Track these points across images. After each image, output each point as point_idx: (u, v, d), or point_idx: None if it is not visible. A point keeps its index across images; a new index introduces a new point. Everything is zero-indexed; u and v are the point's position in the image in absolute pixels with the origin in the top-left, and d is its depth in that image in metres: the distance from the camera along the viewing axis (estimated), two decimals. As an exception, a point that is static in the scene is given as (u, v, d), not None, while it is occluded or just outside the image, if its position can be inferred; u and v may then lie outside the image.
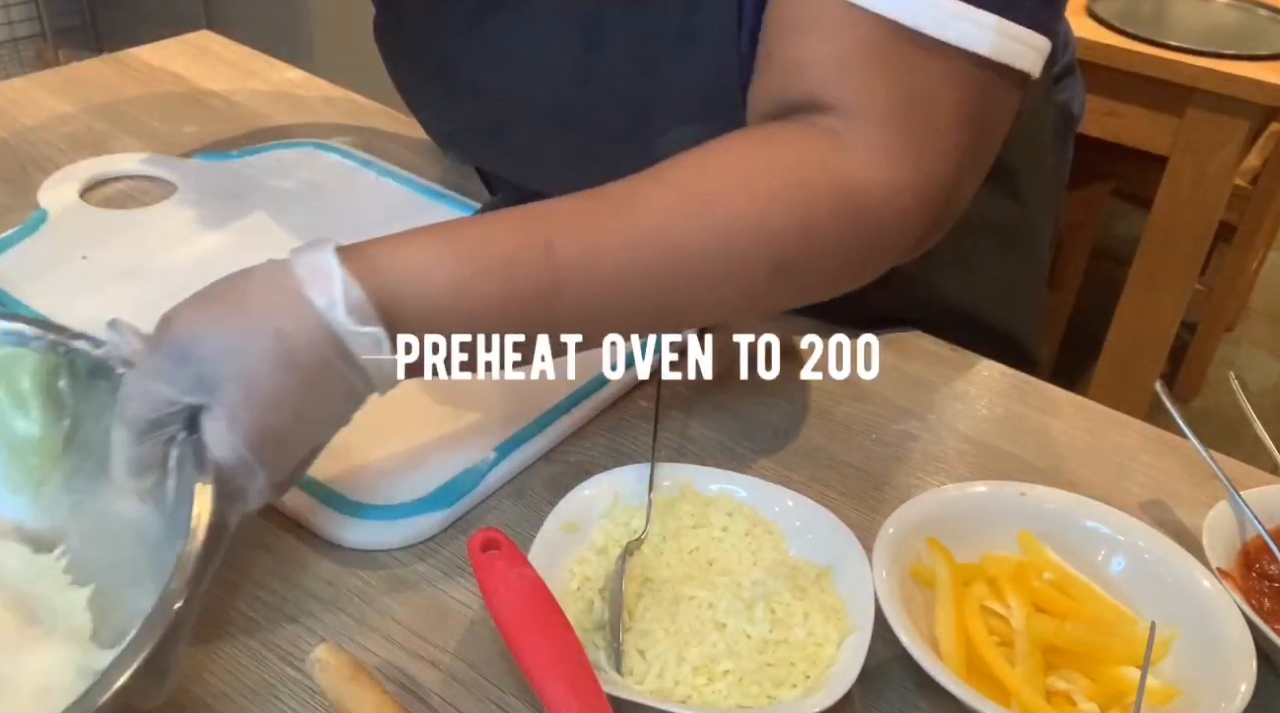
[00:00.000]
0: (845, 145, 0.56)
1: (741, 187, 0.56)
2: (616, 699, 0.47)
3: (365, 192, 0.90)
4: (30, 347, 0.53)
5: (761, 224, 0.55)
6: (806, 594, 0.55)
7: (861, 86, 0.56)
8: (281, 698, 0.51)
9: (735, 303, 0.60)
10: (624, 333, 0.58)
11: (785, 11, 0.58)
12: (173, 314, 0.49)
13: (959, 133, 0.57)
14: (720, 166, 0.57)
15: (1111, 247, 2.39)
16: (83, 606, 0.50)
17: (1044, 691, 0.52)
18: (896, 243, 0.59)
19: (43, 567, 0.52)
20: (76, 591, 0.51)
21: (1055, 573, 0.58)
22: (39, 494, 0.53)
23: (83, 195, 0.88)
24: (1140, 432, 0.72)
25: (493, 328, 0.53)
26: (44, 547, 0.52)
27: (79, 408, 0.53)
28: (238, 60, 1.15)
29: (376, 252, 0.51)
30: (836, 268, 0.59)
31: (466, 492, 0.61)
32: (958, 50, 0.55)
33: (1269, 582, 0.59)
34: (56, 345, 0.53)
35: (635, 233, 0.55)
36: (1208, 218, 1.74)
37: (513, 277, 0.52)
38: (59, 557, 0.52)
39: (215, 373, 0.47)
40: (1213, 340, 2.35)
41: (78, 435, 0.53)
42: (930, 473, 0.67)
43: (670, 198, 0.56)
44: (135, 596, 0.46)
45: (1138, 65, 1.67)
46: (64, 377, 0.53)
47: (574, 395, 0.68)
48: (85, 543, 0.52)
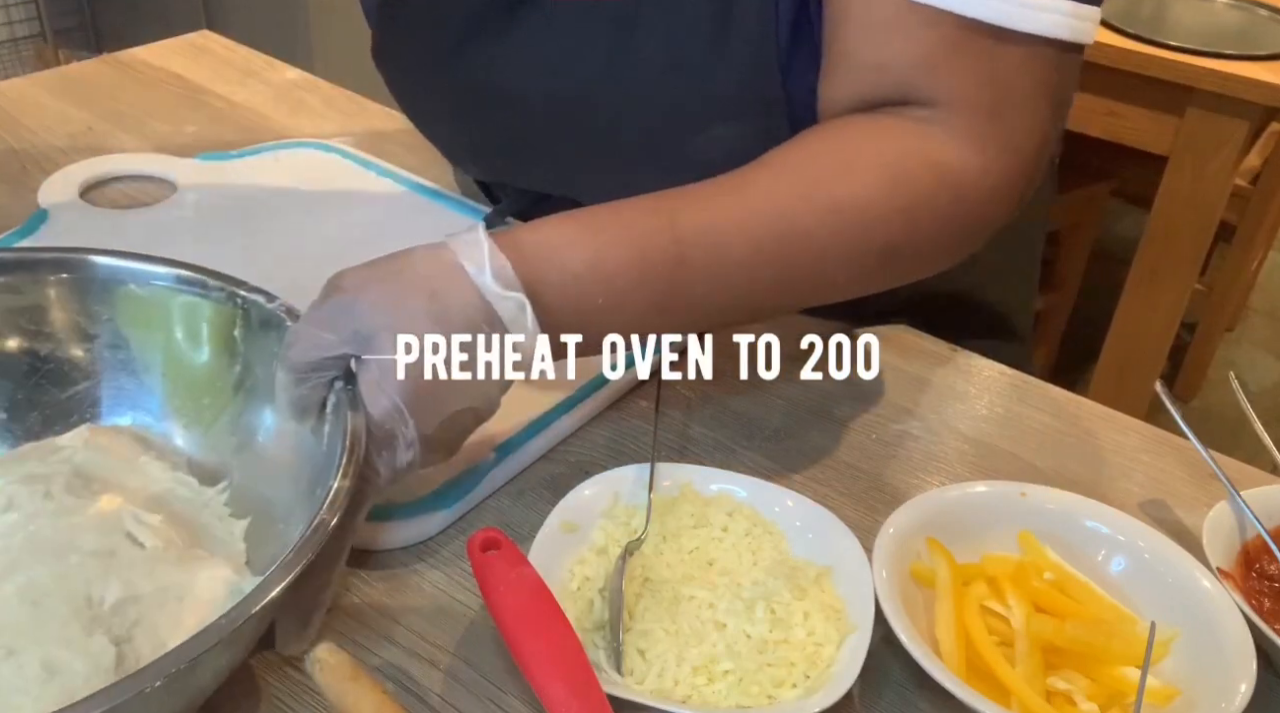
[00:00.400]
0: (937, 134, 0.60)
1: (848, 172, 0.60)
2: (616, 699, 0.47)
3: (365, 191, 0.90)
4: (210, 297, 0.58)
5: (869, 208, 0.59)
6: (806, 594, 0.55)
7: (947, 81, 0.60)
8: (281, 698, 0.51)
9: (847, 283, 0.63)
10: (743, 311, 0.62)
11: (860, 13, 0.61)
12: (340, 275, 0.54)
13: (1040, 111, 0.61)
14: (826, 154, 0.61)
15: (1111, 247, 2.39)
16: (240, 535, 0.55)
17: (1044, 691, 0.52)
18: (990, 221, 0.63)
19: (207, 498, 0.56)
20: (235, 522, 0.55)
21: (1055, 573, 0.58)
22: (209, 431, 0.59)
23: (83, 195, 0.88)
24: (1140, 432, 0.72)
25: (627, 296, 0.57)
26: (209, 480, 0.57)
27: (249, 355, 0.58)
28: (238, 60, 1.15)
29: (519, 232, 0.56)
30: (936, 248, 0.63)
31: (466, 492, 0.61)
32: (1035, 37, 0.58)
33: (1269, 582, 0.59)
34: (234, 296, 0.58)
35: (752, 212, 0.58)
36: (1208, 218, 1.74)
37: (642, 247, 0.57)
38: (221, 490, 0.57)
39: (373, 324, 0.51)
40: (1213, 340, 2.35)
41: (246, 381, 0.58)
42: (930, 473, 0.68)
43: (783, 182, 0.59)
44: (285, 529, 0.52)
45: (1138, 65, 1.67)
46: (238, 326, 0.58)
47: (574, 395, 0.68)
48: (245, 480, 0.57)
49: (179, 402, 0.59)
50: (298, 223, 0.85)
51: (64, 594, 0.47)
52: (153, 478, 0.56)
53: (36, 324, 0.59)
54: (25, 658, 0.45)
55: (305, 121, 1.04)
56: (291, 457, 0.55)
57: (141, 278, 0.59)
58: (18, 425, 0.58)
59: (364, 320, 0.51)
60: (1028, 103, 0.61)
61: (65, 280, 0.59)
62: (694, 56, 0.67)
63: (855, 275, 0.62)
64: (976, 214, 0.62)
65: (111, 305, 0.59)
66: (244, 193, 0.88)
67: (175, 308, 0.59)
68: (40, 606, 0.47)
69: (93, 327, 0.59)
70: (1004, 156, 0.61)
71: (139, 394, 0.59)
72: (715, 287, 0.59)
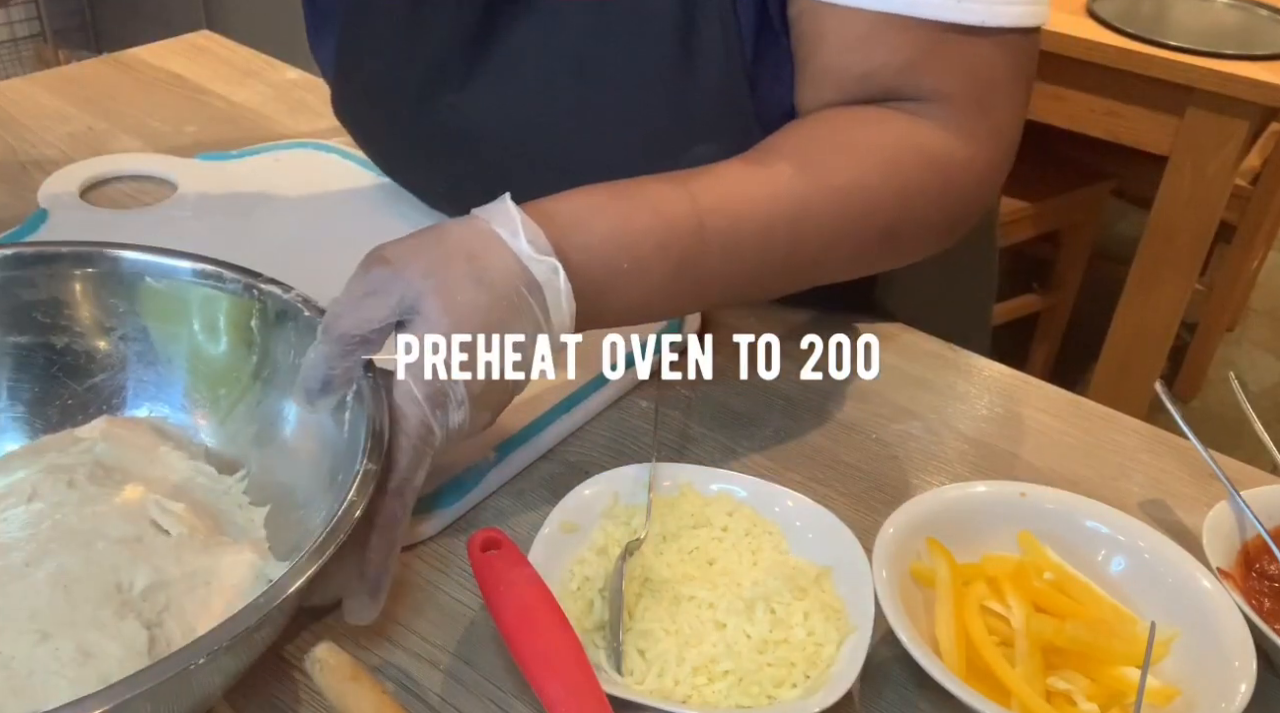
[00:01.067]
0: (926, 124, 0.63)
1: (849, 157, 0.62)
2: (616, 699, 0.47)
3: (365, 191, 0.90)
4: (227, 289, 0.59)
5: (870, 192, 0.62)
6: (806, 594, 0.55)
7: (931, 80, 0.63)
8: (281, 698, 0.51)
9: (848, 263, 0.65)
10: (754, 287, 0.64)
11: (836, 30, 0.63)
12: (381, 248, 0.55)
13: (1018, 96, 0.65)
14: (826, 139, 0.64)
15: (1111, 247, 2.39)
16: (260, 523, 0.56)
17: (1044, 691, 0.52)
18: (978, 205, 0.67)
19: (226, 486, 0.57)
20: (255, 510, 0.56)
21: (1055, 573, 0.58)
22: (226, 422, 0.60)
23: (83, 195, 0.88)
24: (1140, 432, 0.72)
25: (651, 258, 0.58)
26: (227, 469, 0.58)
27: (266, 346, 0.59)
28: (238, 60, 1.15)
29: (546, 202, 0.57)
30: (930, 232, 0.67)
31: (466, 492, 0.61)
32: (1007, 29, 0.62)
33: (1269, 582, 0.59)
34: (250, 288, 0.59)
35: (764, 190, 0.61)
36: (1208, 218, 1.74)
37: (665, 215, 0.59)
38: (240, 479, 0.58)
39: (417, 290, 0.52)
40: (1213, 340, 2.35)
41: (263, 371, 0.59)
42: (930, 473, 0.68)
43: (790, 164, 0.62)
44: (306, 515, 0.53)
45: (1138, 65, 1.67)
46: (255, 317, 0.59)
47: (574, 395, 0.68)
48: (263, 469, 0.58)
49: (197, 393, 0.60)
50: (298, 223, 0.85)
51: (94, 580, 0.48)
52: (172, 467, 0.57)
53: (53, 317, 0.59)
54: (60, 642, 0.46)
55: (305, 121, 1.04)
56: (312, 444, 0.55)
57: (158, 271, 0.60)
58: (37, 418, 0.59)
59: (408, 287, 0.52)
60: (1007, 90, 0.64)
61: (81, 274, 0.60)
62: (663, 79, 0.68)
63: (857, 256, 0.65)
64: (967, 198, 0.66)
65: (129, 299, 0.60)
66: (244, 193, 0.88)
67: (192, 300, 0.60)
68: (71, 591, 0.47)
69: (109, 320, 0.60)
70: (989, 142, 0.65)
71: (157, 386, 0.61)
72: (730, 260, 0.60)
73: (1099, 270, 2.21)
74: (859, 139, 0.63)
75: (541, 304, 0.54)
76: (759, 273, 0.62)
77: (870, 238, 0.63)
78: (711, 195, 0.60)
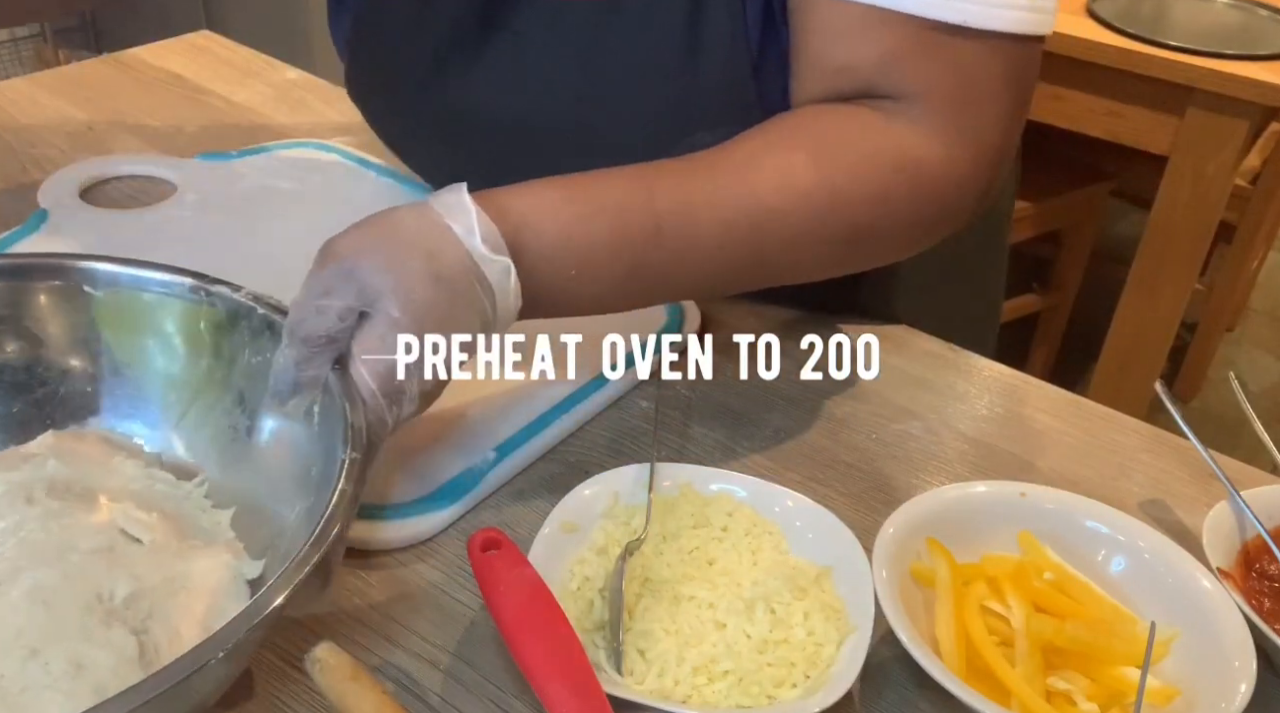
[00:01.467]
0: (903, 125, 0.62)
1: (818, 158, 0.61)
2: (616, 699, 0.47)
3: (365, 191, 0.90)
4: (175, 293, 0.58)
5: (837, 193, 0.61)
6: (806, 594, 0.55)
7: (912, 78, 0.62)
8: (281, 698, 0.51)
9: (816, 265, 0.65)
10: (717, 284, 0.64)
11: (823, 20, 0.62)
12: (334, 241, 0.54)
13: (1003, 103, 0.63)
14: (797, 138, 0.62)
15: (1111, 247, 2.39)
16: (226, 524, 0.55)
17: (1044, 691, 0.52)
18: (956, 210, 0.65)
19: (185, 492, 0.57)
20: (220, 512, 0.56)
21: (1055, 573, 0.58)
22: (178, 427, 0.59)
23: (83, 195, 0.88)
24: (1140, 432, 0.72)
25: (602, 265, 0.58)
26: (185, 475, 0.57)
27: (218, 347, 0.58)
28: (238, 60, 1.15)
29: (501, 196, 0.57)
30: (903, 235, 0.65)
31: (466, 492, 0.61)
32: (996, 33, 0.60)
33: (1269, 582, 0.59)
34: (197, 290, 0.58)
35: (725, 190, 0.60)
36: (1208, 218, 1.74)
37: (620, 219, 0.58)
38: (199, 483, 0.57)
39: (377, 286, 0.52)
40: (1213, 340, 2.35)
41: (216, 374, 0.58)
42: (930, 473, 0.67)
43: (753, 164, 0.61)
44: (279, 512, 0.53)
45: (1138, 65, 1.67)
46: (204, 320, 0.58)
47: (574, 395, 0.68)
48: (224, 471, 0.57)
49: (145, 400, 0.59)
50: (298, 223, 0.85)
51: (73, 593, 0.48)
52: (130, 476, 0.56)
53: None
54: (50, 656, 0.45)
55: (305, 121, 1.04)
56: (275, 442, 0.55)
57: (99, 279, 0.58)
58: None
59: (366, 282, 0.52)
60: (991, 95, 0.62)
61: (20, 287, 0.58)
62: (668, 65, 0.68)
63: (824, 258, 0.64)
64: (942, 202, 0.64)
65: (70, 310, 0.58)
66: (244, 193, 0.88)
67: (138, 307, 0.58)
68: (52, 605, 0.47)
69: (46, 331, 0.58)
70: (969, 147, 0.63)
71: (104, 396, 0.59)
72: (688, 262, 0.60)
73: (1099, 270, 2.21)
74: (829, 138, 0.62)
75: (492, 303, 0.55)
76: (718, 273, 0.62)
77: (837, 238, 0.62)
78: (672, 197, 0.59)
